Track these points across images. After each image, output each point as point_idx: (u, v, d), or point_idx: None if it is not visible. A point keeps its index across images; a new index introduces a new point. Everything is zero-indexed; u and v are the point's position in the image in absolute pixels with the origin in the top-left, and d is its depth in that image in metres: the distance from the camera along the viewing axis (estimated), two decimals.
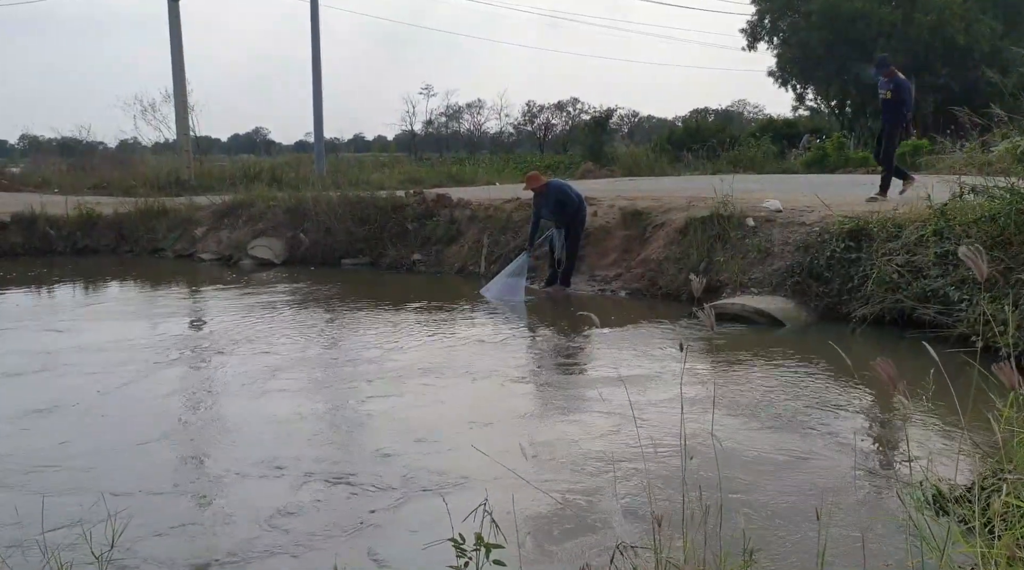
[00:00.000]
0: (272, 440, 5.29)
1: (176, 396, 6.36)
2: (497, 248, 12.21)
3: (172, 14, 25.19)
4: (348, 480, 4.58)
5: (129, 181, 23.21)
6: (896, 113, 10.68)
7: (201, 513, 4.25)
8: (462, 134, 63.87)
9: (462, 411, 5.88)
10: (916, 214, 8.35)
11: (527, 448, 4.99)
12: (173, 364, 7.26)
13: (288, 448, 5.11)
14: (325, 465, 4.81)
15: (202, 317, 9.79)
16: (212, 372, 7.08)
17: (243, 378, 6.73)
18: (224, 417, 5.91)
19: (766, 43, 36.57)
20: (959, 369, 4.03)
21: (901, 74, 10.78)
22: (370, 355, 7.61)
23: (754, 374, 6.86)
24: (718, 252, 9.73)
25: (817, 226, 9.28)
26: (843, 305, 8.43)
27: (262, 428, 5.54)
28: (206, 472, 4.85)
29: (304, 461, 4.86)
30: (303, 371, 7.00)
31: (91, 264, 14.25)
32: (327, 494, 4.42)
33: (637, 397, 5.90)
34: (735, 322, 8.55)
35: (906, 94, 10.67)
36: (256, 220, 14.50)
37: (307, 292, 10.99)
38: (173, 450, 5.16)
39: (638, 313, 9.31)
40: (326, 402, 6.13)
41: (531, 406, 6.12)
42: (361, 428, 5.62)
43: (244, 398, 6.24)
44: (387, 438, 5.28)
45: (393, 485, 4.48)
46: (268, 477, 4.66)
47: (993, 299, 6.92)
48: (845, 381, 6.53)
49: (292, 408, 5.92)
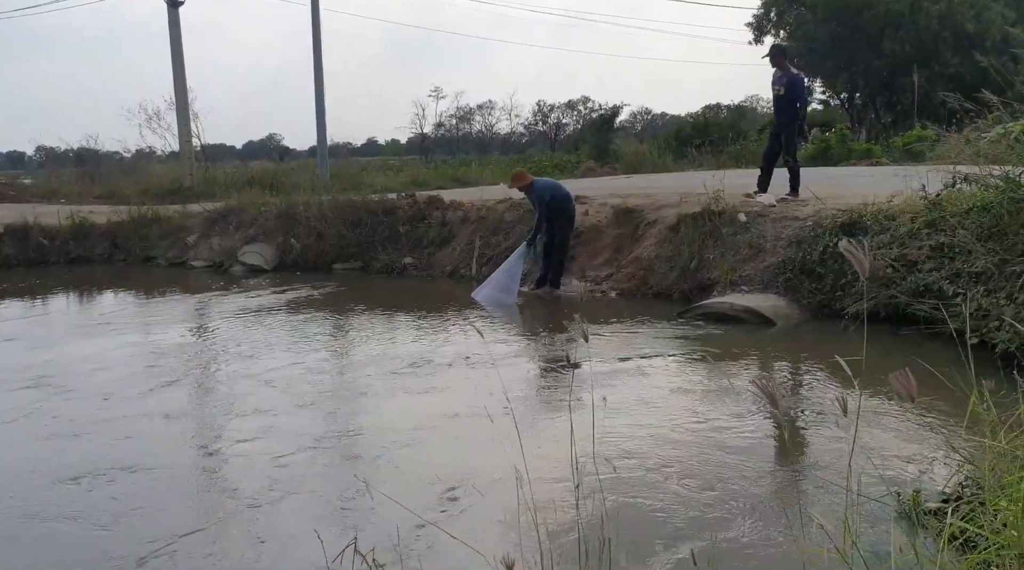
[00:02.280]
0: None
1: (149, 420, 6.15)
2: (488, 250, 11.96)
3: (172, 21, 25.14)
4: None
5: (134, 190, 23.19)
6: (790, 110, 10.15)
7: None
8: (473, 136, 63.76)
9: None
10: (911, 206, 8.04)
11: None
12: (147, 383, 7.06)
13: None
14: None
15: (177, 329, 9.36)
16: (175, 394, 6.84)
17: (220, 397, 6.53)
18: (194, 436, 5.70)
19: (772, 36, 36.10)
20: (955, 367, 3.76)
21: (794, 68, 10.24)
22: (352, 362, 7.39)
23: (735, 376, 6.58)
24: (709, 249, 9.44)
25: (810, 220, 8.99)
26: (836, 302, 8.13)
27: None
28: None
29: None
30: (281, 389, 6.76)
31: (83, 274, 14.12)
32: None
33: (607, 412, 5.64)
34: (724, 322, 8.27)
35: (799, 89, 10.17)
36: (247, 226, 14.32)
37: (291, 299, 10.74)
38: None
39: (627, 314, 9.03)
40: (318, 421, 5.91)
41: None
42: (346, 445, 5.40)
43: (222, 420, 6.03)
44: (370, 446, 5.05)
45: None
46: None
47: (988, 293, 6.61)
48: (830, 383, 6.25)
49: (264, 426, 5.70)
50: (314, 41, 25.48)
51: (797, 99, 10.10)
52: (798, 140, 10.48)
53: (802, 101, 10.22)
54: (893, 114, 34.10)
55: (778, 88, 10.11)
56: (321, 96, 26.22)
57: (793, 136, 10.24)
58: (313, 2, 25.35)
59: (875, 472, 4.47)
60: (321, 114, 26.43)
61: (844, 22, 32.93)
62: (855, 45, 33.02)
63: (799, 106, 10.15)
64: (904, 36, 31.58)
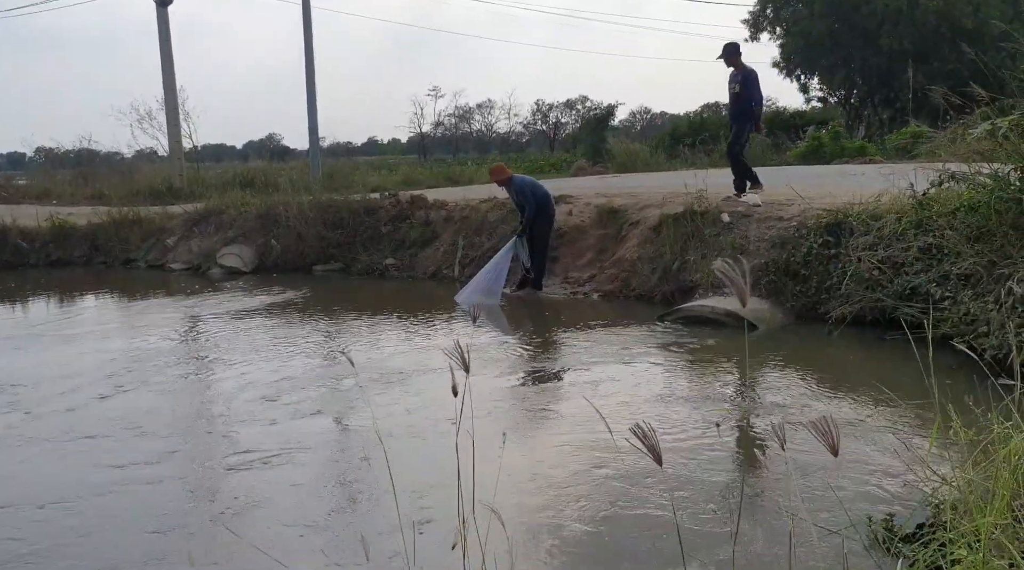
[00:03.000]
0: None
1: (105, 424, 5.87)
2: (472, 250, 11.68)
3: (161, 20, 24.89)
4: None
5: (125, 191, 22.96)
6: (745, 109, 9.78)
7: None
8: (473, 135, 63.52)
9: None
10: (899, 206, 7.75)
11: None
12: (102, 390, 6.78)
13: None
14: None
15: (129, 336, 9.01)
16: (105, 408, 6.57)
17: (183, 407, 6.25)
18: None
19: (768, 34, 35.81)
20: (943, 374, 3.49)
21: (748, 65, 9.86)
22: (324, 372, 7.10)
23: (708, 384, 6.30)
24: (692, 250, 9.15)
25: (795, 221, 8.70)
26: (821, 305, 7.86)
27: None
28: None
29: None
30: (230, 397, 6.49)
31: (59, 277, 13.85)
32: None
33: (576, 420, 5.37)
34: (705, 326, 7.98)
35: (754, 88, 9.77)
36: (227, 228, 14.04)
37: (260, 305, 10.38)
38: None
39: (607, 317, 8.75)
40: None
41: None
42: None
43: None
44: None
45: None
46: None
47: (976, 296, 6.33)
48: (808, 391, 5.97)
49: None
50: (305, 42, 25.19)
51: (751, 96, 9.73)
52: (746, 137, 10.12)
53: (756, 101, 9.84)
54: (891, 111, 33.75)
55: (733, 86, 9.78)
56: (313, 96, 25.94)
57: (741, 133, 9.90)
58: (304, 3, 25.09)
59: (854, 488, 4.22)
60: (313, 114, 26.16)
61: (841, 18, 32.63)
62: (852, 42, 32.72)
63: (754, 105, 9.78)
64: (902, 32, 31.25)
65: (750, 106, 9.68)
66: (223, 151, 60.64)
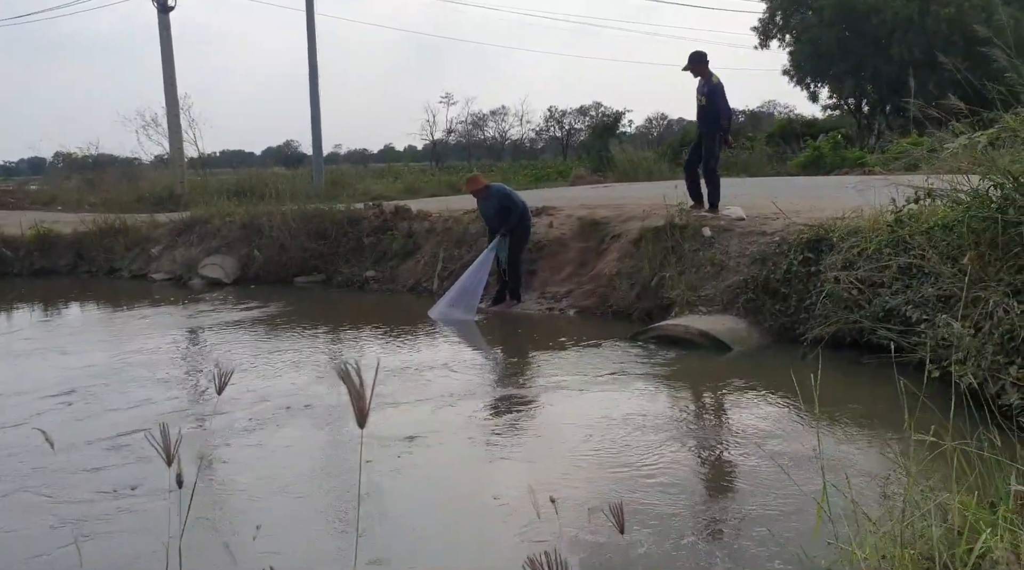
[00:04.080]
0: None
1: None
2: (451, 263, 11.38)
3: (162, 26, 24.79)
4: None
5: (128, 197, 22.90)
6: (712, 121, 9.32)
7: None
8: (486, 142, 63.21)
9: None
10: (880, 222, 7.39)
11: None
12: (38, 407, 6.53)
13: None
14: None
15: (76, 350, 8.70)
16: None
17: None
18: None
19: (778, 41, 35.39)
20: (922, 402, 3.19)
21: (716, 75, 9.35)
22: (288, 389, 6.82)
23: (675, 410, 5.97)
24: (671, 266, 8.82)
25: (778, 236, 8.36)
26: (800, 325, 7.51)
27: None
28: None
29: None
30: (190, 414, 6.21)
31: (38, 287, 13.66)
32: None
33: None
34: (679, 346, 7.66)
35: (720, 100, 9.31)
36: (211, 237, 13.82)
37: (232, 319, 10.09)
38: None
39: (581, 336, 8.40)
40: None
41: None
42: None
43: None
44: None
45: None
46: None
47: (952, 320, 5.96)
48: (773, 418, 5.64)
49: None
50: (309, 52, 25.10)
51: (718, 109, 9.29)
52: (719, 151, 9.68)
53: (723, 110, 9.37)
54: (903, 120, 33.22)
55: (700, 97, 9.36)
56: (316, 105, 25.92)
57: (714, 147, 9.43)
58: (308, 12, 25.01)
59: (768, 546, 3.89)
60: (316, 122, 26.16)
61: (851, 26, 32.17)
62: (862, 49, 32.24)
63: (721, 119, 9.33)
64: (912, 40, 30.74)
65: (717, 119, 9.29)
66: (242, 157, 60.81)
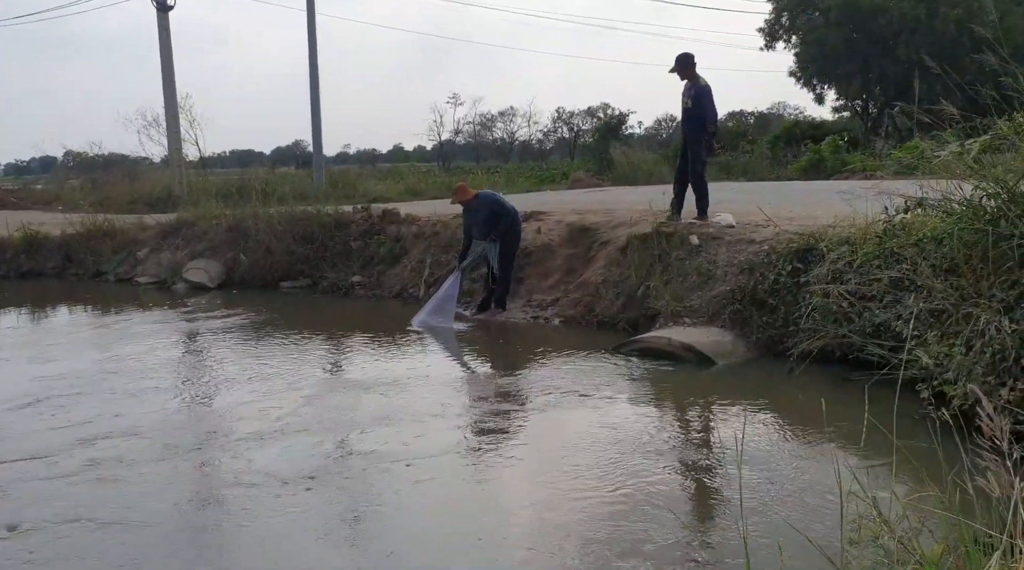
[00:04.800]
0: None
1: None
2: (438, 269, 11.11)
3: (161, 26, 24.58)
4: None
5: (127, 197, 22.77)
6: (698, 125, 8.99)
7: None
8: (494, 143, 62.91)
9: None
10: (873, 232, 7.08)
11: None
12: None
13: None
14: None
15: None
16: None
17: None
18: None
19: (784, 42, 34.99)
20: (904, 425, 2.93)
21: (703, 78, 9.02)
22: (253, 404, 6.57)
23: (652, 429, 5.68)
24: (657, 275, 8.52)
25: (767, 244, 8.06)
26: (788, 338, 7.19)
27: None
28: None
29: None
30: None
31: (23, 290, 13.46)
32: None
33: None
34: (662, 359, 7.37)
35: (707, 102, 8.97)
36: (197, 240, 13.58)
37: (210, 325, 9.88)
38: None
39: (562, 347, 8.12)
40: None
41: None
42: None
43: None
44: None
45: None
46: None
47: (944, 336, 5.67)
48: (752, 438, 5.34)
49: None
50: (310, 51, 24.91)
51: (704, 112, 8.96)
52: (706, 156, 9.33)
53: (709, 114, 9.02)
54: (911, 123, 32.84)
55: (686, 100, 9.03)
56: (317, 104, 25.79)
57: (700, 152, 9.09)
58: (309, 13, 24.84)
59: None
60: (317, 122, 26.05)
61: (858, 27, 31.77)
62: (869, 50, 31.85)
63: (707, 123, 8.99)
64: (920, 41, 30.31)
65: (702, 124, 8.98)
66: (251, 157, 60.81)
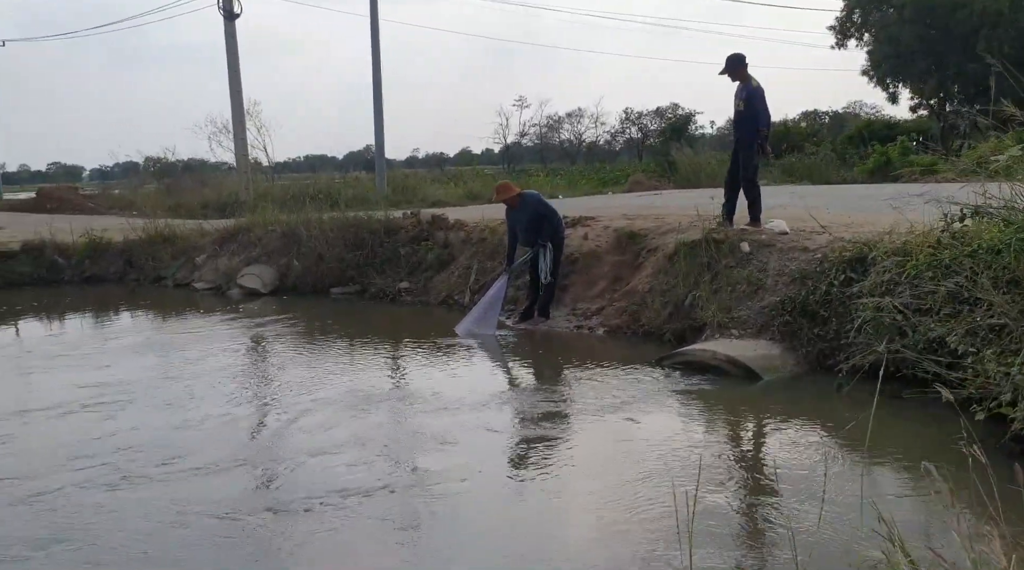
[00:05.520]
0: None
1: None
2: (484, 276, 10.96)
3: (228, 34, 25.00)
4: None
5: (198, 203, 23.30)
6: (750, 128, 8.57)
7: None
8: (561, 144, 62.65)
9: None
10: (931, 240, 6.67)
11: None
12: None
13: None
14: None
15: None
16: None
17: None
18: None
19: (856, 40, 33.95)
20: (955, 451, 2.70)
21: (755, 79, 8.60)
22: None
23: (688, 450, 5.41)
24: (705, 284, 8.20)
25: (820, 253, 7.69)
26: (841, 351, 6.82)
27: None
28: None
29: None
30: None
31: (85, 295, 13.77)
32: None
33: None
34: (706, 372, 7.07)
35: (760, 104, 8.57)
36: (252, 247, 13.69)
37: (255, 332, 9.95)
38: None
39: (605, 357, 7.89)
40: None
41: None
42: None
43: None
44: None
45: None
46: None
47: (1001, 353, 5.27)
48: (792, 463, 5.04)
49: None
50: (373, 58, 25.17)
51: (756, 114, 8.57)
52: (758, 160, 8.92)
53: (762, 116, 8.64)
54: (988, 122, 31.49)
55: (738, 102, 8.65)
56: (380, 111, 26.05)
57: (752, 156, 8.72)
58: (373, 22, 25.06)
59: None
60: (379, 128, 26.32)
61: (934, 23, 30.62)
62: (946, 47, 30.67)
63: (760, 126, 8.60)
64: (1002, 36, 29.03)
65: (755, 127, 8.62)
66: (325, 161, 62.01)
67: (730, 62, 8.63)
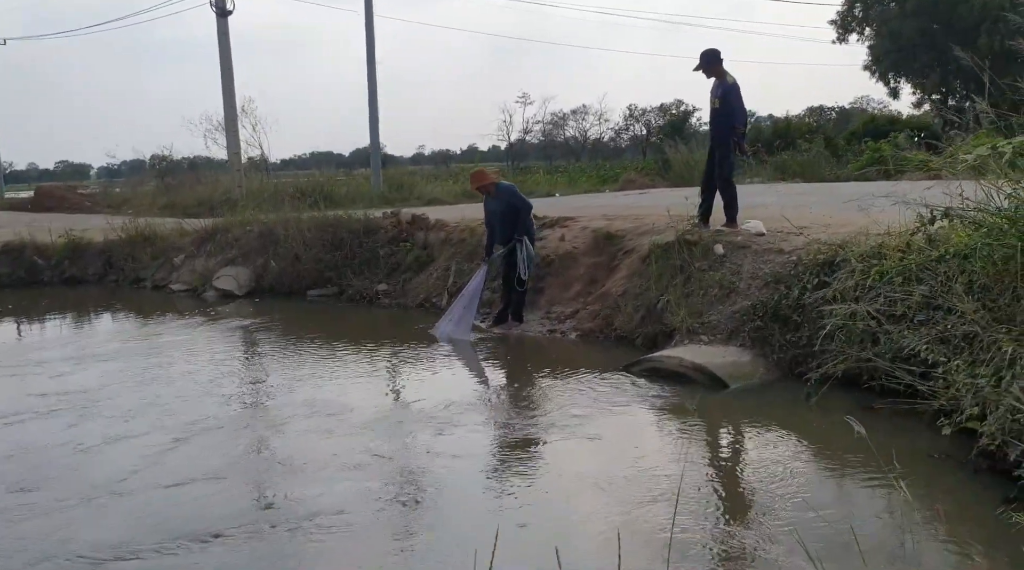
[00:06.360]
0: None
1: None
2: (462, 277, 10.68)
3: (221, 31, 24.81)
4: None
5: (191, 201, 23.12)
6: (725, 126, 8.30)
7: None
8: (566, 141, 62.21)
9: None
10: (904, 243, 6.39)
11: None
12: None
13: None
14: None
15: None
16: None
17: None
18: None
19: (857, 34, 33.58)
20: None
21: (731, 75, 8.30)
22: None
23: (648, 463, 5.14)
24: (676, 287, 7.93)
25: (795, 255, 7.41)
26: (813, 358, 6.53)
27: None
28: None
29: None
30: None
31: (60, 296, 13.55)
32: None
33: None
34: (672, 380, 6.80)
35: (735, 101, 8.29)
36: (230, 247, 13.46)
37: (230, 336, 9.72)
38: None
39: (572, 363, 7.62)
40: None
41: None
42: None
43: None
44: None
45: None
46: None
47: (971, 364, 4.99)
48: (751, 477, 4.77)
49: None
50: (368, 54, 24.95)
51: (732, 112, 8.29)
52: (734, 158, 8.63)
53: (739, 114, 8.37)
54: (991, 117, 31.10)
55: (714, 100, 8.36)
56: (375, 107, 25.94)
57: (728, 155, 8.42)
58: (368, 17, 24.85)
59: None
60: (374, 125, 26.23)
61: (936, 17, 30.23)
62: (946, 42, 30.25)
63: (736, 123, 8.33)
64: (1003, 30, 28.61)
65: (731, 124, 8.32)
66: (330, 158, 61.87)
67: (704, 58, 8.34)
